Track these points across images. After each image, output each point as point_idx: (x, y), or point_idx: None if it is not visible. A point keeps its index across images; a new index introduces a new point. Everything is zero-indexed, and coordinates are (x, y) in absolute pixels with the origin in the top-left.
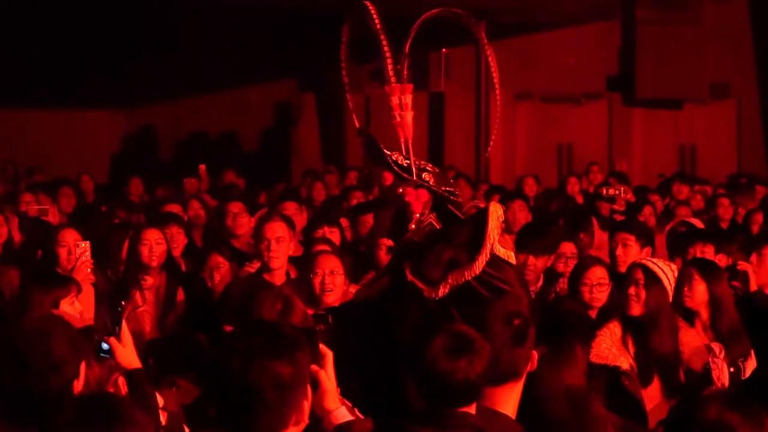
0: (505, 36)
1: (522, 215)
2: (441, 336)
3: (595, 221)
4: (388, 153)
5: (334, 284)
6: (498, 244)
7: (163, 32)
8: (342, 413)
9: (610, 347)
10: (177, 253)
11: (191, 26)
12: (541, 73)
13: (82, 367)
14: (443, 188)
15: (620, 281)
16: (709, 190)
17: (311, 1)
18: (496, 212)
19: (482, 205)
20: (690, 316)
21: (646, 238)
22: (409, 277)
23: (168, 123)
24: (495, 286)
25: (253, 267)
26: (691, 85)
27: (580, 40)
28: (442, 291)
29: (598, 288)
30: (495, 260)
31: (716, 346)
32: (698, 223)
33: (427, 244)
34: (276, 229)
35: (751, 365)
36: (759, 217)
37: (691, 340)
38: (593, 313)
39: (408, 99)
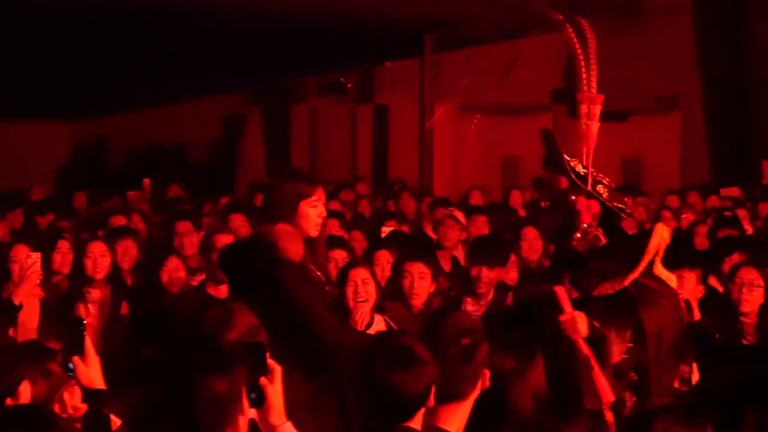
0: (452, 48)
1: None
2: (383, 347)
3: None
4: (568, 159)
5: None
6: (659, 264)
7: (112, 45)
8: (287, 429)
9: None
10: (127, 266)
11: (140, 39)
12: (487, 85)
13: (24, 385)
14: (615, 204)
15: None
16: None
17: (258, 16)
18: (661, 233)
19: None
20: None
21: None
22: (567, 284)
23: (117, 135)
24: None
25: (195, 280)
26: (636, 98)
27: (526, 52)
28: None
29: None
30: (649, 274)
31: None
32: None
33: (590, 257)
34: (226, 242)
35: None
36: (703, 230)
37: None
38: None
39: (597, 109)
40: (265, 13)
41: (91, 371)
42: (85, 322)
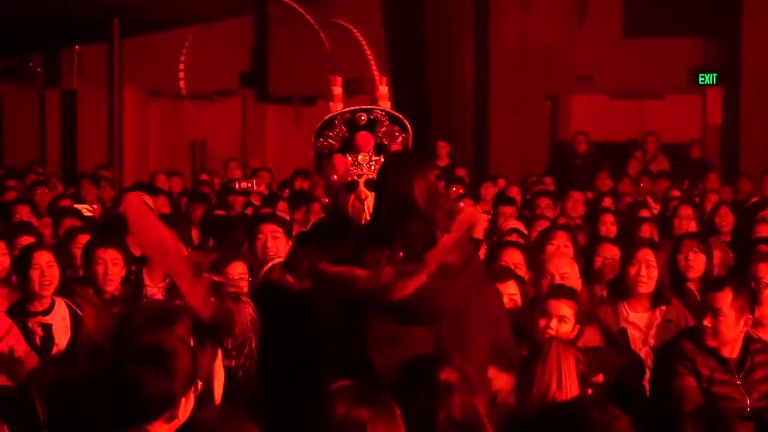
0: (138, 33)
1: None
2: (136, 344)
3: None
4: None
5: None
6: None
7: None
8: None
9: None
10: None
11: None
12: (174, 70)
13: None
14: None
15: None
16: None
17: None
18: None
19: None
20: None
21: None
22: None
23: None
24: None
25: None
26: (324, 82)
27: (213, 36)
28: None
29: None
30: None
31: None
32: None
33: None
34: None
35: None
36: None
37: None
38: None
39: (384, 90)
40: None
41: None
42: None
